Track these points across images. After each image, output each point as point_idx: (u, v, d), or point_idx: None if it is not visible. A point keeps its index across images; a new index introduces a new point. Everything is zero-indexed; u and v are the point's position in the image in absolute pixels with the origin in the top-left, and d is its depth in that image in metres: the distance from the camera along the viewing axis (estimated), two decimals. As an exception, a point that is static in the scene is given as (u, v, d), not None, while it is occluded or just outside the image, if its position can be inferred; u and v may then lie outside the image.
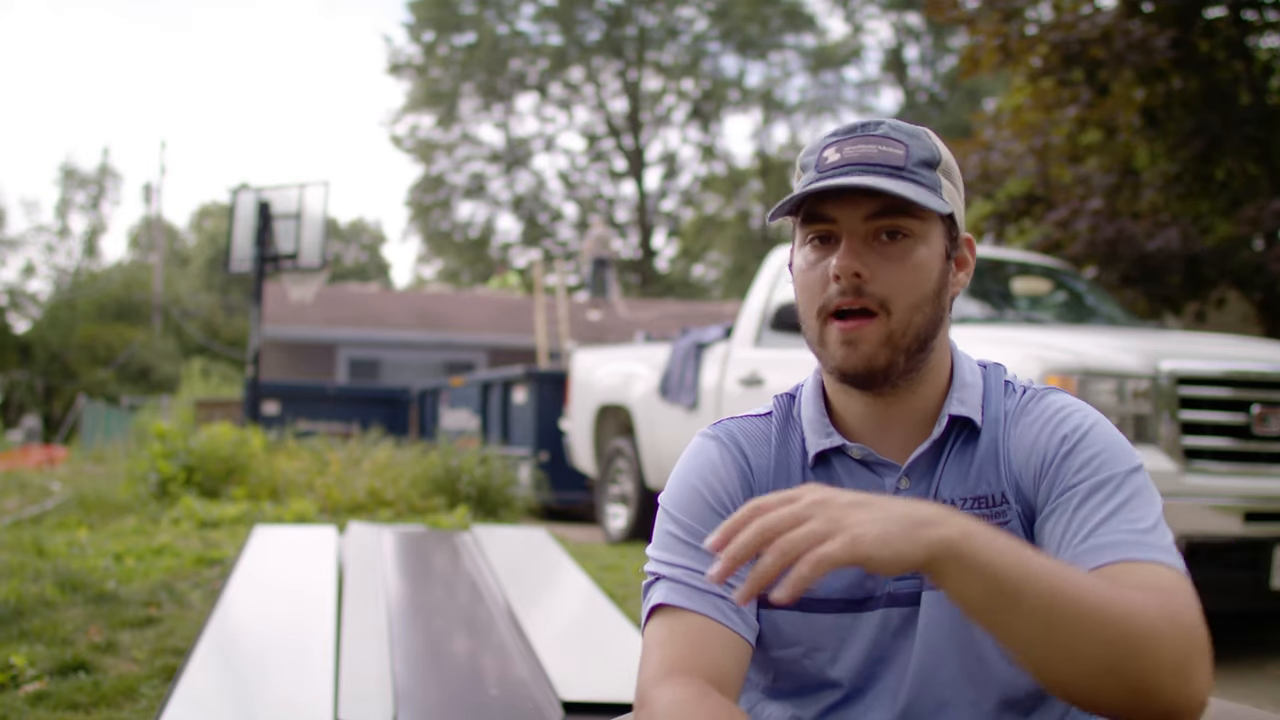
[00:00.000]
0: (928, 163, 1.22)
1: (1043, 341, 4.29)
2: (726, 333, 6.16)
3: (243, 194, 10.48)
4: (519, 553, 5.16)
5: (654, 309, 22.86)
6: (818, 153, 1.24)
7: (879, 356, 1.20)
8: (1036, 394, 1.28)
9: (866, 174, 1.18)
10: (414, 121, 37.12)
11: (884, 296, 1.19)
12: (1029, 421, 1.24)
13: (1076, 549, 1.12)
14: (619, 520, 7.27)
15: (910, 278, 1.20)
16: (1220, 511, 3.82)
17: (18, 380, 32.63)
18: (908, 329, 1.21)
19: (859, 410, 1.27)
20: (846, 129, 1.24)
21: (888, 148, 1.21)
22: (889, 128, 1.23)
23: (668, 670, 1.16)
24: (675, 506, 1.28)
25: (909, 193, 1.18)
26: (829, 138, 1.24)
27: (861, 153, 1.20)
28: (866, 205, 1.19)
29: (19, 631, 3.56)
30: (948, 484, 1.25)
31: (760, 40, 35.17)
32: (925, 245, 1.22)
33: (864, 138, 1.22)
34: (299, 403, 13.13)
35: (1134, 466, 1.18)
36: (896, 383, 1.23)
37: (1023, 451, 1.23)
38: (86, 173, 39.78)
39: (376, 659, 3.18)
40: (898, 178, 1.19)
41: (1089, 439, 1.20)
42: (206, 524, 6.60)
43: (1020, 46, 8.31)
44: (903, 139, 1.22)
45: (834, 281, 1.20)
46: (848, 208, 1.20)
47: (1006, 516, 1.22)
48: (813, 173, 1.23)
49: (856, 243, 1.20)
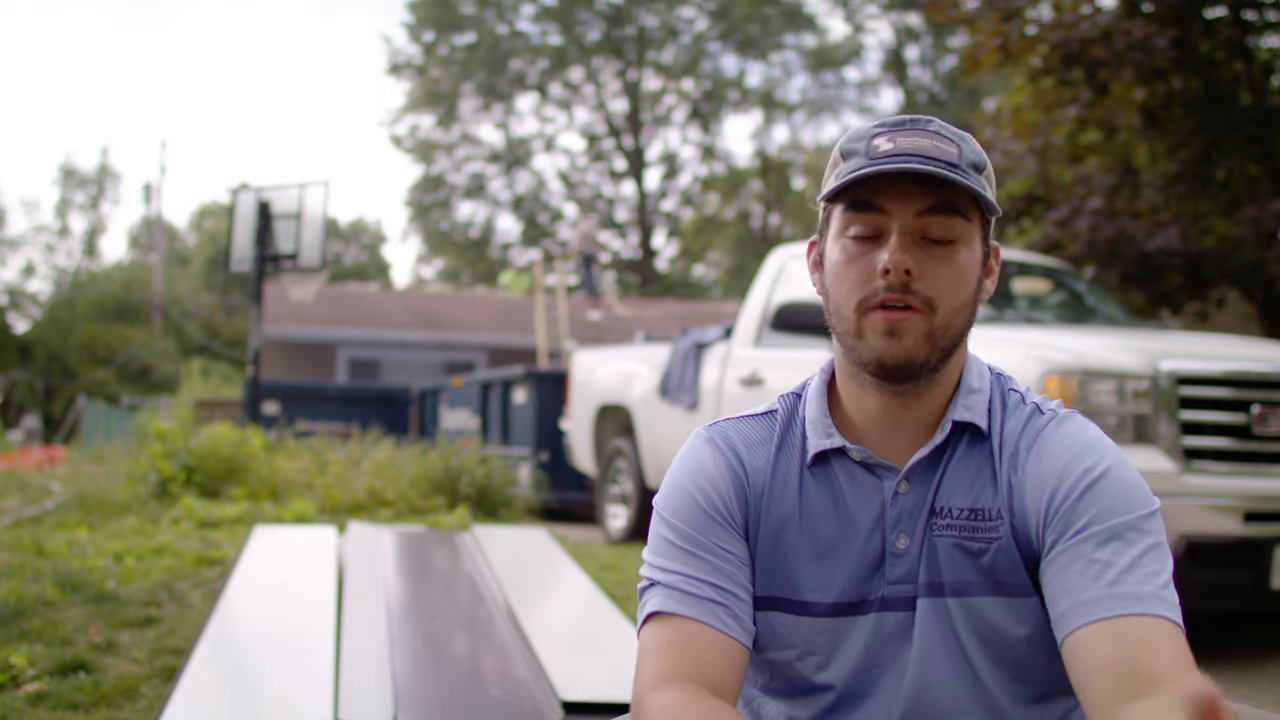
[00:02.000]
0: (976, 166, 1.21)
1: (1043, 341, 4.28)
2: (726, 333, 6.16)
3: (243, 194, 10.47)
4: (519, 553, 5.16)
5: (654, 309, 22.86)
6: (865, 140, 1.20)
7: (920, 350, 1.19)
8: (1056, 419, 1.25)
9: (926, 164, 1.16)
10: (414, 121, 37.13)
11: (930, 296, 1.18)
12: (1047, 450, 1.22)
13: (1096, 594, 1.12)
14: (619, 520, 7.27)
15: (956, 279, 1.19)
16: (1220, 511, 3.82)
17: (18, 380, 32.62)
18: (949, 329, 1.20)
19: (871, 409, 1.26)
20: (895, 121, 1.22)
21: (942, 144, 1.19)
22: (940, 125, 1.21)
23: (664, 677, 1.16)
24: (670, 511, 1.27)
25: (978, 186, 1.16)
26: (877, 127, 1.22)
27: (917, 145, 1.18)
28: (919, 200, 1.17)
29: (19, 631, 3.56)
30: (947, 491, 1.23)
31: (760, 40, 35.15)
32: (968, 248, 1.21)
33: (918, 131, 1.20)
34: (299, 403, 13.12)
35: (1152, 511, 1.18)
36: (921, 380, 1.22)
37: (1036, 479, 1.21)
38: (86, 173, 39.82)
39: (376, 659, 3.18)
40: (955, 173, 1.17)
41: (1108, 479, 1.18)
42: (206, 524, 6.59)
43: (1020, 46, 8.30)
44: (954, 138, 1.20)
45: (882, 276, 1.17)
46: (901, 199, 1.17)
47: (998, 532, 1.21)
48: (862, 159, 1.19)
49: (907, 239, 1.18)
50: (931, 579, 1.22)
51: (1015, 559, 1.21)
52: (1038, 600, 1.21)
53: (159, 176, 49.23)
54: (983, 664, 1.22)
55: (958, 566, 1.21)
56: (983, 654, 1.22)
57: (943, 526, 1.22)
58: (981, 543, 1.21)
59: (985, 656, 1.22)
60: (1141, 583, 1.12)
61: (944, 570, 1.22)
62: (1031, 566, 1.21)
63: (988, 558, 1.21)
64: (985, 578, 1.21)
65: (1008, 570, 1.21)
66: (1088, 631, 1.11)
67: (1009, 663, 1.22)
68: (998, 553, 1.21)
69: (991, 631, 1.21)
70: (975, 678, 1.22)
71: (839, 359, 1.29)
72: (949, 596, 1.21)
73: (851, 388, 1.27)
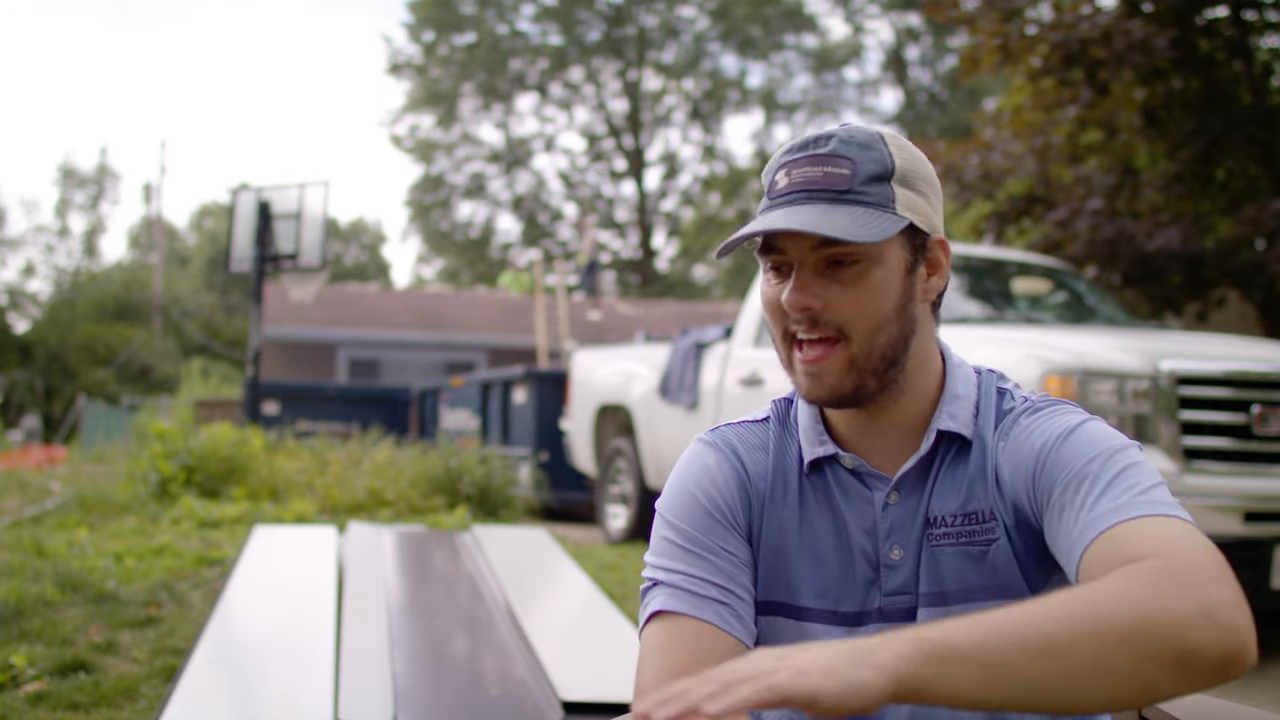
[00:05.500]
0: (878, 176, 1.19)
1: (1043, 341, 4.28)
2: (726, 333, 6.16)
3: (243, 194, 10.48)
4: (519, 553, 5.16)
5: (654, 309, 22.87)
6: (773, 173, 1.23)
7: (844, 384, 1.20)
8: (1031, 406, 1.24)
9: (809, 201, 1.18)
10: (414, 121, 37.12)
11: (840, 323, 1.18)
12: (1017, 434, 1.21)
13: (1082, 525, 1.08)
14: (619, 520, 7.27)
15: (866, 301, 1.19)
16: (1220, 511, 3.82)
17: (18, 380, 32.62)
18: (871, 351, 1.20)
19: (847, 420, 1.27)
20: (799, 145, 1.23)
21: (833, 168, 1.19)
22: (839, 142, 1.21)
23: (666, 674, 1.16)
24: (672, 513, 1.28)
25: (841, 229, 1.15)
26: (784, 155, 1.23)
27: (807, 176, 1.19)
28: (813, 236, 1.17)
29: (19, 631, 3.56)
30: (939, 500, 1.23)
31: (761, 40, 35.16)
32: (879, 266, 1.19)
33: (811, 157, 1.20)
34: (299, 403, 13.13)
35: (1128, 444, 1.15)
36: (873, 400, 1.22)
37: (1011, 465, 1.20)
38: (86, 173, 39.83)
39: (376, 659, 3.18)
40: (841, 202, 1.17)
41: (1078, 433, 1.16)
42: (206, 524, 6.59)
43: (1020, 46, 8.30)
44: (852, 154, 1.20)
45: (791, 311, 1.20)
46: (795, 239, 1.19)
47: (995, 533, 1.21)
48: (766, 199, 1.22)
49: (807, 274, 1.19)
50: (934, 589, 1.22)
51: (1011, 559, 1.20)
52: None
53: (159, 176, 49.34)
54: None
55: (962, 574, 1.21)
56: None
57: (939, 536, 1.22)
58: (981, 545, 1.21)
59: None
60: (1113, 499, 1.07)
61: (948, 579, 1.22)
62: (1037, 556, 1.20)
63: (989, 560, 1.21)
64: (988, 582, 1.21)
65: (1007, 572, 1.21)
66: (1085, 558, 1.06)
67: None
68: (998, 552, 1.21)
69: None
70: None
71: None
72: (954, 605, 1.21)
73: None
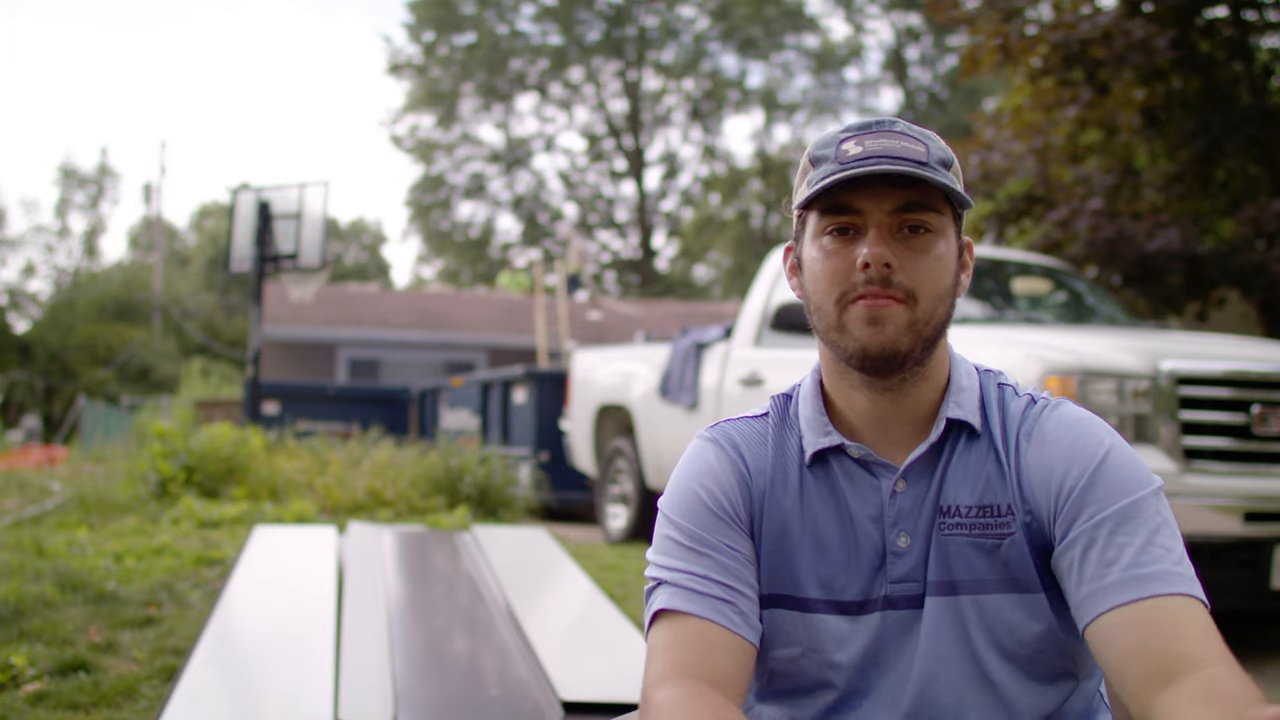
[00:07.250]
0: (944, 162, 1.23)
1: (1043, 341, 4.28)
2: (726, 333, 6.16)
3: (243, 194, 10.48)
4: (519, 553, 5.16)
5: (654, 309, 22.87)
6: (834, 146, 1.23)
7: (903, 339, 1.21)
8: (1048, 405, 1.27)
9: (895, 164, 1.19)
10: (414, 121, 37.10)
11: (910, 287, 1.20)
12: (1044, 438, 1.24)
13: (1114, 578, 1.14)
14: (619, 520, 7.27)
15: (935, 270, 1.22)
16: (1220, 511, 3.82)
17: (18, 380, 32.62)
18: (931, 318, 1.22)
19: (862, 407, 1.27)
20: (861, 125, 1.25)
21: (909, 143, 1.22)
22: (905, 125, 1.24)
23: (670, 673, 1.17)
24: (675, 511, 1.28)
25: (948, 182, 1.19)
26: (844, 132, 1.25)
27: (885, 146, 1.21)
28: (892, 198, 1.20)
29: (19, 631, 3.56)
30: (952, 489, 1.24)
31: (761, 40, 35.14)
32: (944, 240, 1.23)
33: (884, 133, 1.23)
34: (299, 403, 13.13)
35: (1156, 488, 1.20)
36: (906, 374, 1.24)
37: (1041, 471, 1.23)
38: (86, 173, 39.82)
39: (376, 659, 3.18)
40: (925, 172, 1.20)
41: (1110, 461, 1.21)
42: (206, 524, 6.59)
43: (1020, 46, 8.30)
44: (920, 137, 1.23)
45: (861, 270, 1.20)
46: (874, 199, 1.20)
47: (1011, 528, 1.22)
48: (832, 164, 1.22)
49: (884, 233, 1.21)
50: (943, 578, 1.23)
51: (1026, 554, 1.22)
52: (1045, 597, 1.22)
53: (159, 176, 49.43)
54: (991, 661, 1.23)
55: (972, 565, 1.23)
56: (992, 651, 1.23)
57: (952, 525, 1.23)
58: (994, 539, 1.23)
59: (994, 653, 1.23)
60: (1157, 561, 1.14)
61: (957, 569, 1.23)
62: (1043, 559, 1.22)
63: (1001, 553, 1.22)
64: (1000, 575, 1.23)
65: (1020, 566, 1.22)
66: (1111, 618, 1.13)
67: (1019, 659, 1.23)
68: (1010, 547, 1.23)
69: (1005, 628, 1.22)
70: (982, 675, 1.23)
71: (825, 361, 1.31)
72: (963, 595, 1.23)
73: (841, 388, 1.29)
